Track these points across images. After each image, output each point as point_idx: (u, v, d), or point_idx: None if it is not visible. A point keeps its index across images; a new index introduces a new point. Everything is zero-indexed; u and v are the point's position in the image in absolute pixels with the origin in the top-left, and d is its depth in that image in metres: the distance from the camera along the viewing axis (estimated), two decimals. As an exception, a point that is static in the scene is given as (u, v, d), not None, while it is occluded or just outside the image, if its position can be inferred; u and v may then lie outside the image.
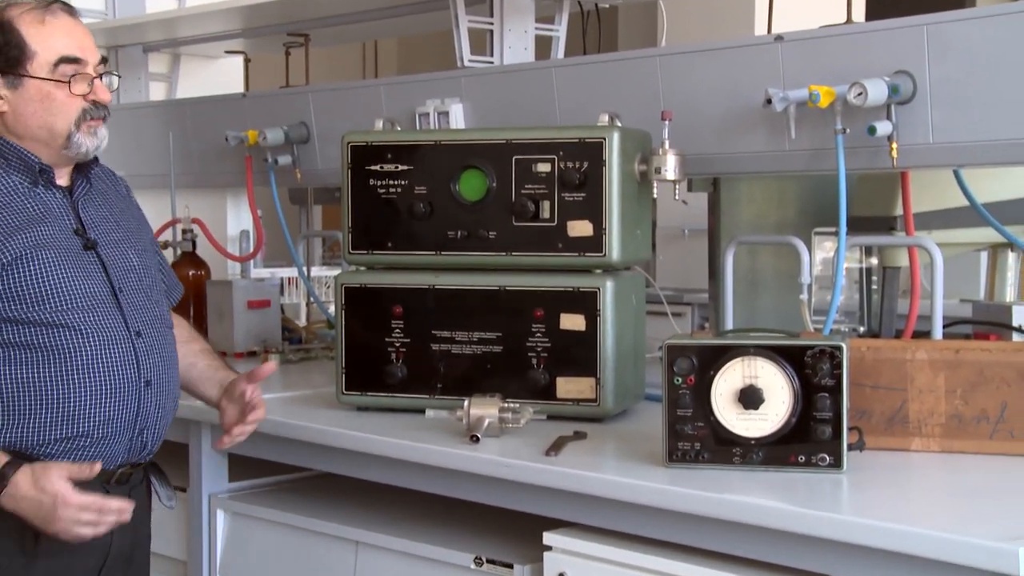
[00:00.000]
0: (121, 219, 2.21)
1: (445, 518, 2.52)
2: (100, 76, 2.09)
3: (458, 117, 3.04)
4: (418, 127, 3.09)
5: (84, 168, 2.18)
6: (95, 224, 2.15)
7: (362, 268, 2.63)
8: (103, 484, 2.09)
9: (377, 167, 2.57)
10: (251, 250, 3.75)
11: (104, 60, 2.12)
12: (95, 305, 2.08)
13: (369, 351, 2.56)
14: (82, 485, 2.01)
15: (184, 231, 3.63)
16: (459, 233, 2.52)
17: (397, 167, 2.56)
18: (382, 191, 2.56)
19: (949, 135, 2.29)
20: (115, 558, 2.14)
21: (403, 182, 2.56)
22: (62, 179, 2.15)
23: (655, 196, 2.54)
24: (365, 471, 2.44)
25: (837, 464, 1.97)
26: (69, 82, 2.06)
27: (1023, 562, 1.53)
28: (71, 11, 2.11)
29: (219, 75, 4.36)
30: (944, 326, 2.48)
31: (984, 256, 3.35)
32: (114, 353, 2.07)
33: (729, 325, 2.73)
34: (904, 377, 2.13)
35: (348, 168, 2.59)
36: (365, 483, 2.50)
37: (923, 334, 2.53)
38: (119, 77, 2.14)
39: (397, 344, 2.55)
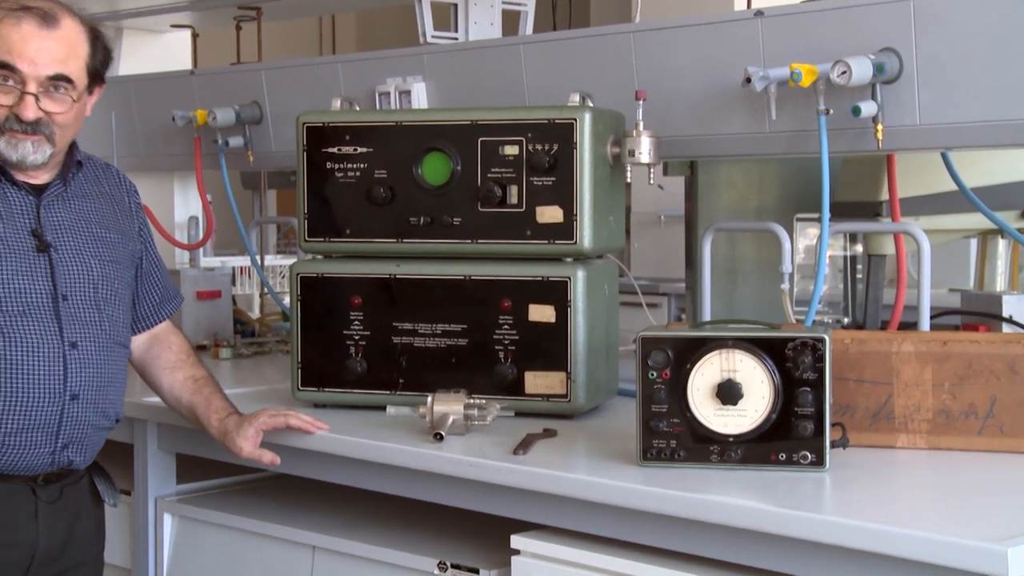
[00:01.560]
0: (96, 225, 2.23)
1: (407, 521, 2.52)
2: (36, 94, 2.08)
3: (420, 96, 3.03)
4: (378, 107, 3.08)
5: (68, 168, 2.22)
6: (57, 227, 2.17)
7: (319, 257, 2.62)
8: (28, 484, 2.13)
9: (334, 149, 2.56)
10: (200, 237, 3.73)
11: (66, 80, 2.11)
12: (28, 310, 2.10)
13: (326, 345, 2.56)
14: (7, 484, 2.08)
15: (128, 217, 3.60)
16: (421, 219, 2.51)
17: (356, 149, 2.55)
18: (340, 175, 2.56)
19: (937, 116, 2.31)
20: (43, 558, 2.15)
21: (362, 165, 2.55)
22: (40, 178, 2.18)
23: (629, 180, 2.55)
24: (322, 471, 2.43)
25: (819, 462, 1.98)
26: None
27: (1012, 563, 1.54)
28: (45, 21, 2.09)
29: (165, 51, 4.33)
30: (932, 317, 2.50)
31: (973, 243, 3.38)
32: (38, 361, 2.09)
33: (707, 316, 2.74)
34: (889, 370, 2.15)
35: (304, 150, 2.58)
36: (322, 484, 2.50)
37: (910, 325, 2.55)
38: (74, 101, 2.14)
39: (356, 337, 2.55)
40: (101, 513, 2.31)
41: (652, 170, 2.51)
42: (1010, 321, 2.61)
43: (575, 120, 2.42)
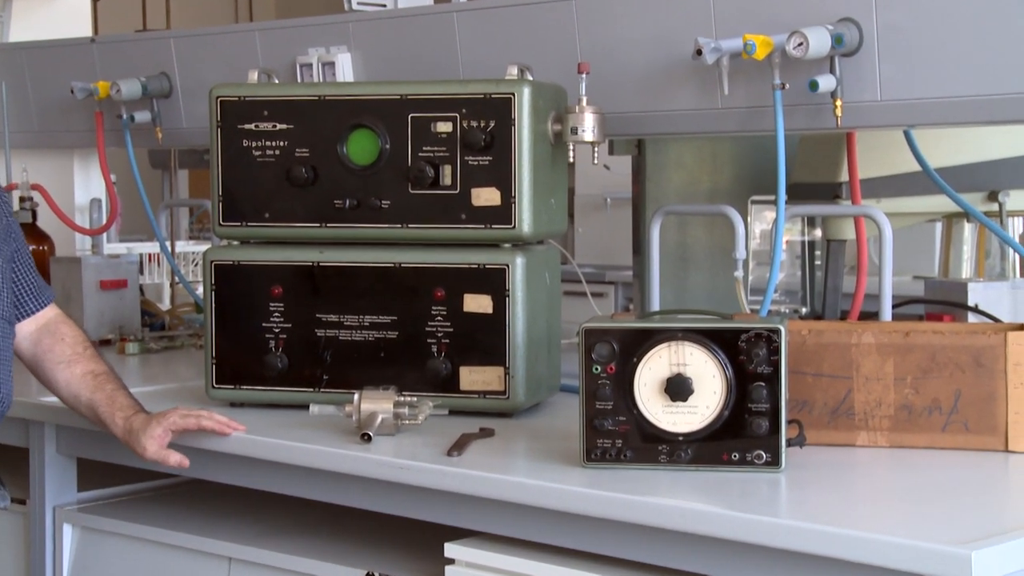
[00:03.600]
0: None
1: (332, 529, 2.52)
2: None
3: (345, 69, 3.02)
4: (299, 80, 3.07)
5: None
6: None
7: (235, 243, 2.61)
8: None
9: (251, 126, 2.55)
10: (104, 222, 3.69)
11: None
12: None
13: (244, 338, 2.54)
14: None
15: (22, 199, 3.56)
16: (347, 202, 2.51)
17: (275, 126, 2.54)
18: (258, 154, 2.54)
19: (899, 91, 2.34)
20: None
21: (282, 143, 2.54)
22: None
23: (572, 160, 2.56)
24: (239, 476, 2.43)
25: (775, 462, 2.01)
26: None
27: (976, 568, 1.58)
28: None
29: (61, 16, 4.28)
30: (894, 306, 2.54)
31: (938, 228, 3.44)
32: None
33: (655, 306, 2.77)
34: (849, 364, 2.18)
35: (218, 127, 2.56)
36: (239, 490, 2.49)
37: (871, 315, 2.59)
38: None
39: (276, 330, 2.54)
40: None
41: (597, 149, 2.53)
42: (976, 310, 2.66)
43: (513, 95, 2.42)
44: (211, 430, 2.32)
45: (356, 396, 2.30)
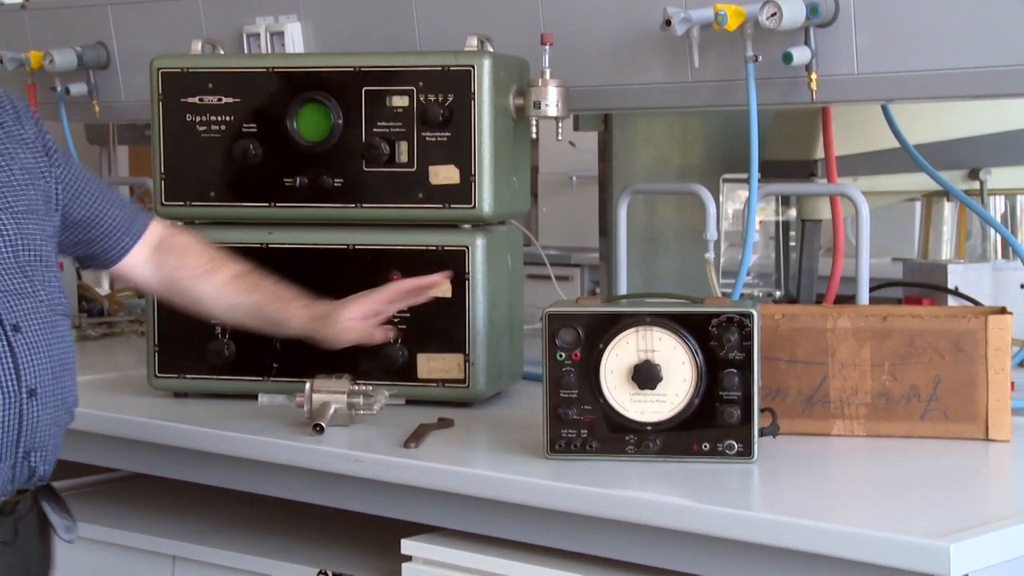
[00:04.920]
0: (3, 171, 2.01)
1: (283, 526, 2.52)
2: None
3: (295, 39, 3.01)
4: (246, 51, 3.06)
5: None
6: None
7: (178, 223, 2.60)
8: None
9: (195, 100, 2.54)
10: (38, 201, 3.66)
11: None
12: None
13: (188, 325, 2.53)
14: None
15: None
16: (298, 181, 2.50)
17: (220, 100, 2.53)
18: (202, 129, 2.53)
19: (877, 64, 2.36)
20: None
21: (228, 118, 2.53)
22: None
23: (535, 136, 2.56)
24: (184, 471, 2.42)
25: (747, 452, 2.02)
26: None
27: (955, 561, 1.60)
28: None
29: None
30: (871, 289, 2.57)
31: (918, 207, 3.47)
32: None
33: (622, 290, 2.78)
34: (824, 349, 2.20)
35: (159, 100, 2.55)
36: (184, 485, 2.49)
37: (847, 298, 2.61)
38: None
39: (222, 316, 2.53)
40: (49, 550, 2.11)
41: (561, 124, 2.53)
42: (956, 293, 2.69)
43: (473, 67, 2.42)
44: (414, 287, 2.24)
45: (307, 385, 2.30)
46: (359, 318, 2.22)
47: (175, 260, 2.26)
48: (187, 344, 2.54)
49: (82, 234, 2.18)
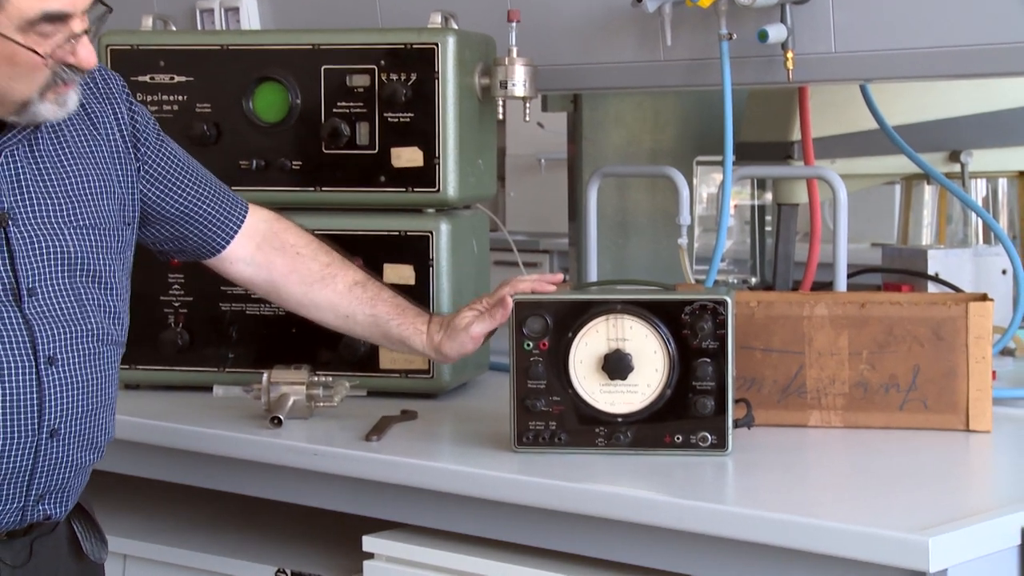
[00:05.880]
0: (75, 176, 1.89)
1: (240, 523, 2.51)
2: (84, 32, 1.78)
3: (251, 15, 3.00)
4: (199, 27, 3.04)
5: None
6: (17, 187, 1.83)
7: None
8: None
9: (146, 78, 2.53)
10: (-19, 185, 3.63)
11: (107, 6, 1.80)
12: None
13: (139, 314, 2.50)
14: None
15: None
16: (254, 163, 2.50)
17: (173, 79, 2.52)
18: (154, 109, 2.52)
19: (855, 42, 2.37)
20: None
21: (181, 98, 2.52)
22: None
23: (501, 117, 2.57)
24: (135, 466, 2.41)
25: (721, 444, 2.03)
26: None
27: (933, 555, 1.61)
28: None
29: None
30: (849, 275, 2.58)
31: (897, 191, 3.49)
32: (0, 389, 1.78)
33: (592, 276, 2.79)
34: (801, 338, 2.21)
35: (108, 79, 2.54)
36: (135, 481, 2.48)
37: (825, 285, 2.63)
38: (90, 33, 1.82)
39: (176, 304, 2.52)
40: (85, 569, 1.99)
41: (528, 105, 2.53)
42: (936, 279, 2.71)
43: (436, 45, 2.42)
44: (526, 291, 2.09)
45: (265, 376, 2.30)
46: (480, 337, 2.12)
47: (286, 263, 2.17)
48: (139, 334, 2.51)
49: (172, 230, 2.09)
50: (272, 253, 2.17)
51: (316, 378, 2.31)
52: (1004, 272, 2.76)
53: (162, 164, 2.05)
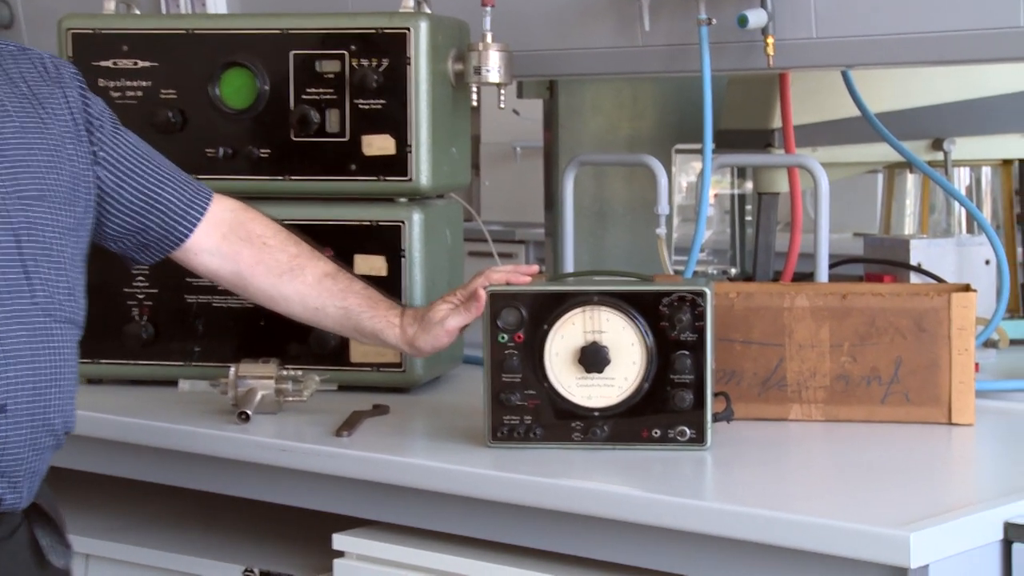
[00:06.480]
0: (19, 149, 1.87)
1: (206, 521, 2.51)
2: None
3: (218, -2, 2.99)
4: (164, 10, 3.03)
5: None
6: None
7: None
8: None
9: (109, 63, 2.52)
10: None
11: None
12: None
13: (102, 306, 2.51)
14: None
15: None
16: (221, 151, 2.49)
17: (136, 64, 2.52)
18: (117, 95, 2.52)
19: (837, 28, 2.37)
20: None
21: (145, 84, 2.51)
22: None
23: (475, 104, 2.56)
24: (98, 463, 2.41)
25: (700, 439, 2.04)
26: None
27: (915, 550, 1.62)
28: None
29: None
30: (830, 266, 2.59)
31: (879, 179, 3.49)
32: None
33: (569, 267, 2.79)
34: (781, 330, 2.22)
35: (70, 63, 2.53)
36: (98, 478, 2.47)
37: (806, 276, 2.64)
38: None
39: (140, 296, 2.52)
40: None
41: (503, 91, 2.53)
42: (919, 270, 2.72)
43: (408, 30, 2.42)
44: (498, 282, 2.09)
45: (232, 370, 2.30)
46: (454, 331, 2.12)
47: (253, 253, 2.15)
48: (102, 327, 2.52)
49: (132, 220, 2.06)
50: (238, 243, 2.15)
51: (285, 372, 2.31)
52: (987, 262, 2.77)
53: (118, 149, 2.04)
